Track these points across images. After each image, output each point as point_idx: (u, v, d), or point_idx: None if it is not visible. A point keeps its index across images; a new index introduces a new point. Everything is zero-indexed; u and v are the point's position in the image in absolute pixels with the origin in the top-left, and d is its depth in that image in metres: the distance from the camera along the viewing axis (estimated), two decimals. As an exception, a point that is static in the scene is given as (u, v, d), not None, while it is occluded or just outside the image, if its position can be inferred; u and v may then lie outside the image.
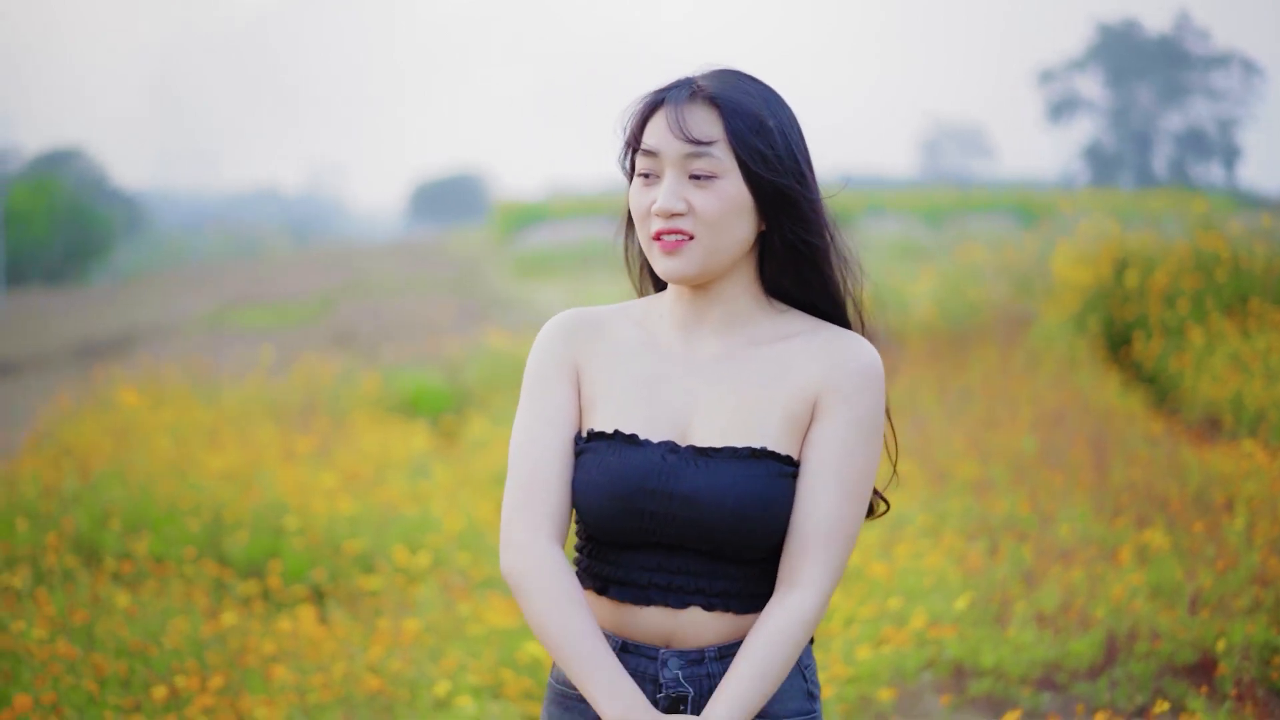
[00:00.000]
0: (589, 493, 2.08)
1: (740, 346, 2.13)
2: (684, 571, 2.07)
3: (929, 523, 5.73)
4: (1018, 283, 11.44)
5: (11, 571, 5.02)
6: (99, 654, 4.22)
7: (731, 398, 2.09)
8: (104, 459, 6.86)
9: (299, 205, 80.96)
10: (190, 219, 59.73)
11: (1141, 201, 24.47)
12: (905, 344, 10.15)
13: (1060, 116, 53.52)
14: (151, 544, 5.64)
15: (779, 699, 2.08)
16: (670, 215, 2.06)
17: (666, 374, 2.13)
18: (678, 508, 2.05)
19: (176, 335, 18.04)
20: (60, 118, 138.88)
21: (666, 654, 2.07)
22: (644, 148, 2.09)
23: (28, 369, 16.84)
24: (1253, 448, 6.50)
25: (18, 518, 5.69)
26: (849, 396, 2.07)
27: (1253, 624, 4.39)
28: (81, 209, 35.23)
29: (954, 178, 60.58)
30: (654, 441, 2.08)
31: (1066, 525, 5.58)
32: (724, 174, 2.06)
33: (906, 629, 4.53)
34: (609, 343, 2.16)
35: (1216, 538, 5.26)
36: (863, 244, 8.18)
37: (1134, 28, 53.42)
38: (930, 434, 7.39)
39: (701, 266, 2.08)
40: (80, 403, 9.82)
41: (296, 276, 28.36)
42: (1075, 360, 9.33)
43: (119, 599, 4.73)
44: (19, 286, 30.11)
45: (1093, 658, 4.40)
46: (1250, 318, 9.35)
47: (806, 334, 2.13)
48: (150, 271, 34.48)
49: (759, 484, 2.04)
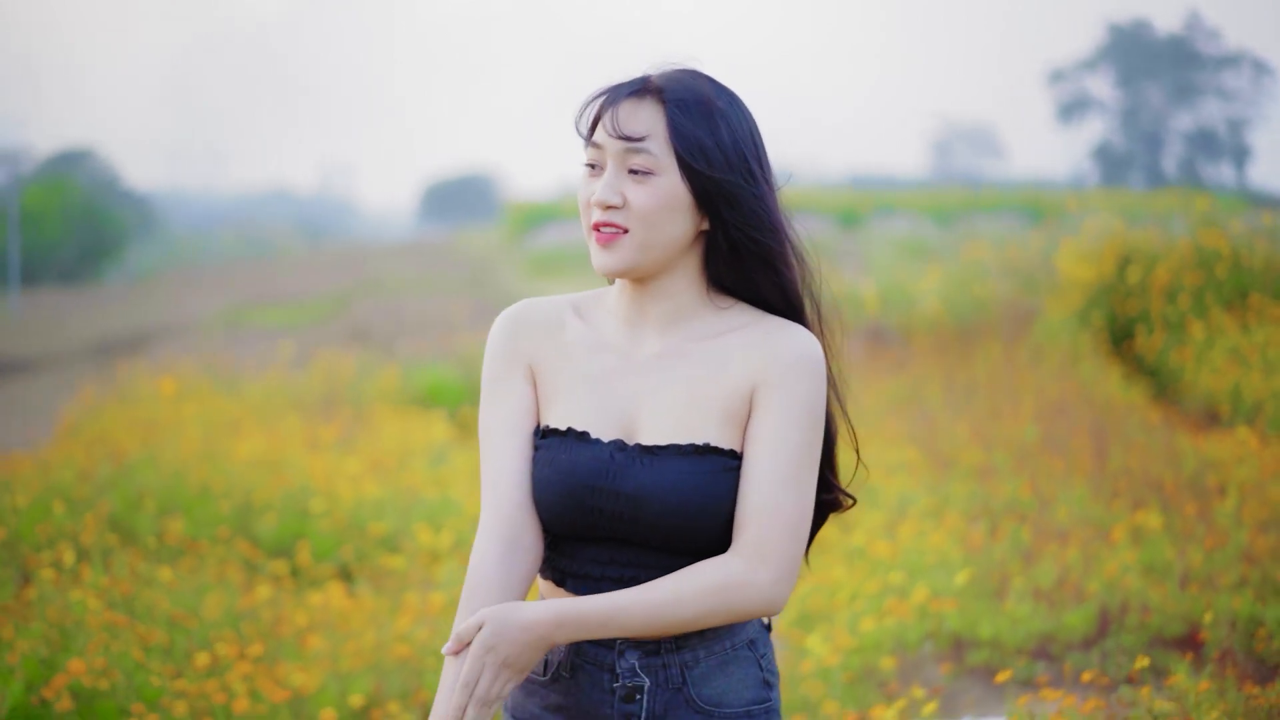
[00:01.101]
0: (543, 489, 2.14)
1: (682, 343, 2.16)
2: (635, 565, 2.12)
3: (933, 505, 5.95)
4: (1023, 279, 11.67)
5: (54, 550, 5.26)
6: (142, 625, 4.46)
7: (674, 395, 2.13)
8: (136, 446, 7.10)
9: (310, 206, 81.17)
10: (202, 220, 59.88)
11: (1150, 201, 24.64)
12: (912, 340, 10.38)
13: (1070, 117, 53.58)
14: (184, 525, 5.87)
15: (734, 687, 2.14)
16: (606, 208, 2.10)
17: (613, 371, 2.16)
18: (625, 505, 2.10)
19: (192, 333, 18.24)
20: (71, 118, 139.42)
21: (624, 644, 2.12)
22: (592, 140, 2.13)
23: (45, 367, 17.07)
24: (1246, 435, 6.72)
25: (54, 501, 5.92)
26: (783, 385, 2.09)
27: (1239, 598, 4.60)
28: (95, 209, 35.43)
29: (965, 178, 60.69)
30: (604, 440, 2.12)
31: (1065, 508, 5.80)
32: (661, 170, 2.09)
33: (909, 602, 4.75)
34: (559, 339, 2.20)
35: (1207, 519, 5.47)
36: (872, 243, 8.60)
37: (1144, 28, 53.45)
38: (935, 424, 7.61)
39: (634, 262, 2.11)
40: (104, 396, 10.06)
41: (309, 276, 28.54)
42: (1078, 354, 9.55)
43: (159, 574, 4.97)
44: (34, 286, 30.32)
45: (1086, 630, 4.61)
46: (1250, 312, 9.57)
47: (746, 327, 2.15)
48: (163, 272, 34.64)
49: (702, 480, 2.08)
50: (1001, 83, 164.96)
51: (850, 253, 21.40)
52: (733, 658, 2.14)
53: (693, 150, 2.08)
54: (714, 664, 2.13)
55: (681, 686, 2.12)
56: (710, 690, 2.13)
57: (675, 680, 2.12)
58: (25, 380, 16.00)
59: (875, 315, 11.05)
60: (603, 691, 2.13)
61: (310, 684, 4.22)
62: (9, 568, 5.14)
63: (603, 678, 2.13)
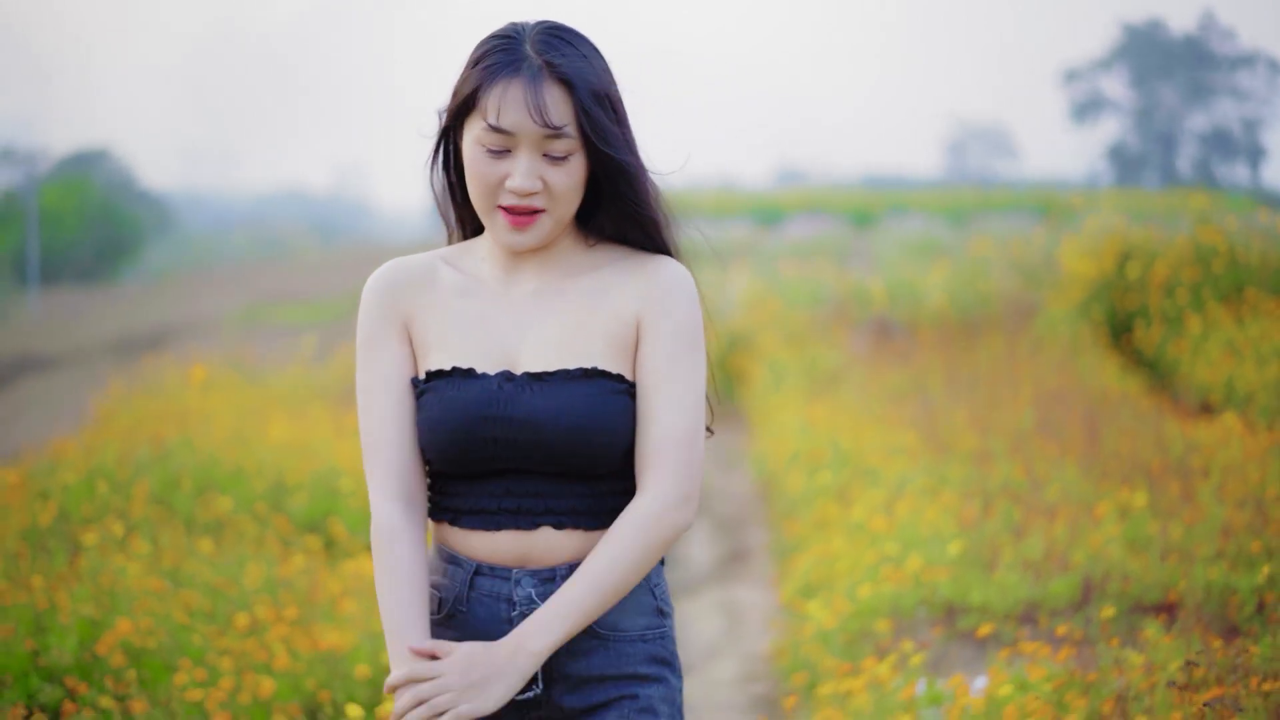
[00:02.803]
0: (433, 429, 2.17)
1: (559, 279, 2.23)
2: (532, 494, 2.16)
3: (930, 485, 6.25)
4: (1026, 275, 11.98)
5: (101, 524, 5.59)
6: (186, 590, 4.78)
7: (556, 325, 2.20)
8: (170, 433, 7.43)
9: (325, 206, 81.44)
10: (216, 220, 60.12)
11: (1161, 201, 24.87)
12: (917, 333, 10.68)
13: (1085, 117, 53.69)
14: (221, 503, 6.20)
15: (628, 614, 2.19)
16: (527, 194, 2.16)
17: (492, 310, 2.22)
18: (518, 432, 2.14)
19: (211, 330, 18.54)
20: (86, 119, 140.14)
21: (520, 574, 2.17)
22: (495, 126, 2.14)
23: (66, 363, 17.41)
24: (1233, 421, 7.01)
25: (99, 480, 6.25)
26: (665, 310, 2.19)
27: (1214, 569, 4.89)
28: (111, 209, 35.75)
29: (979, 178, 60.86)
30: (490, 373, 2.17)
31: (1056, 487, 6.09)
32: (575, 152, 2.16)
33: (904, 570, 5.05)
34: (433, 288, 2.24)
35: (1190, 498, 5.76)
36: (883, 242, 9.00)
37: (1159, 28, 53.54)
38: (936, 412, 7.90)
39: (548, 237, 2.20)
40: (132, 389, 10.40)
41: (325, 275, 28.81)
42: (1078, 346, 9.85)
43: (200, 545, 5.30)
44: (52, 285, 30.64)
45: (1070, 597, 4.91)
46: (1245, 306, 9.87)
47: (620, 261, 2.24)
48: (179, 271, 34.91)
49: (593, 401, 2.14)
50: (1016, 83, 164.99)
51: (861, 251, 21.67)
52: None
53: (599, 132, 2.15)
54: None
55: None
56: (607, 616, 2.17)
57: None
58: (47, 376, 16.35)
59: (882, 310, 11.37)
60: (501, 622, 2.17)
61: (344, 643, 4.53)
62: (60, 540, 5.46)
63: (499, 608, 2.18)
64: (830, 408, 8.60)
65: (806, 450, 7.62)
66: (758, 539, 7.74)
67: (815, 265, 15.58)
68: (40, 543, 5.40)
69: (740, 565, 7.40)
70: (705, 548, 7.75)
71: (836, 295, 12.44)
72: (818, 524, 6.27)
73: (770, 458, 8.44)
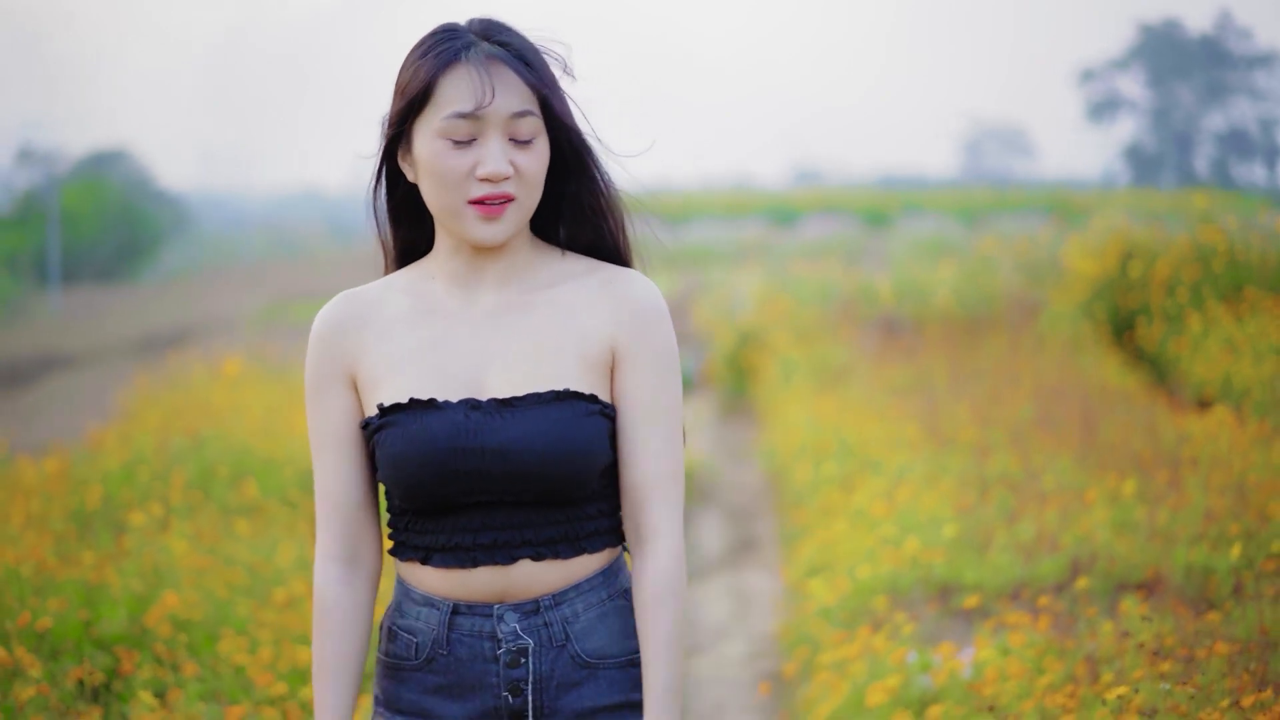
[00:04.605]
0: (397, 466, 2.05)
1: (519, 294, 2.11)
2: (508, 526, 2.06)
3: (929, 474, 6.54)
4: (1031, 274, 12.27)
5: (144, 507, 5.92)
6: (227, 567, 5.09)
7: (520, 345, 2.08)
8: (202, 425, 7.76)
9: (340, 206, 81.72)
10: (233, 220, 60.34)
11: (1176, 201, 25.13)
12: (924, 330, 10.97)
13: (1101, 116, 53.79)
14: (253, 489, 6.51)
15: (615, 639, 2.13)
16: (500, 179, 2.04)
17: (449, 334, 2.10)
18: (491, 462, 2.03)
19: (231, 329, 18.83)
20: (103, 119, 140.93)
21: (502, 609, 2.08)
22: (460, 112, 2.03)
23: (88, 361, 17.74)
24: (1224, 413, 7.28)
25: (138, 468, 6.58)
26: (645, 337, 2.09)
27: (1195, 551, 5.17)
28: (130, 209, 36.08)
29: (995, 178, 61.03)
30: (453, 401, 2.05)
31: (1051, 477, 6.37)
32: (539, 134, 2.06)
33: (901, 552, 5.34)
34: (381, 320, 2.12)
35: (1178, 486, 6.04)
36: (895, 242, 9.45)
37: (1175, 27, 53.61)
38: (939, 406, 8.19)
39: (517, 227, 2.07)
40: (158, 384, 10.73)
41: (342, 274, 29.08)
42: (1079, 343, 10.13)
43: (236, 526, 5.62)
44: (72, 284, 31.00)
45: (1058, 576, 5.19)
46: (1244, 304, 10.14)
47: (582, 275, 2.13)
48: (197, 270, 35.22)
49: (569, 425, 2.04)
50: (1033, 82, 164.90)
51: (873, 251, 21.96)
52: (611, 609, 2.12)
53: (566, 110, 2.09)
54: (593, 617, 2.11)
55: (565, 643, 2.10)
56: (593, 644, 2.11)
57: (559, 637, 2.10)
58: (70, 373, 16.68)
59: (889, 308, 11.68)
60: (486, 660, 2.09)
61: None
62: (105, 522, 5.79)
63: (484, 646, 2.09)
64: (837, 402, 8.89)
65: (813, 443, 7.91)
66: (766, 528, 8.04)
67: (826, 264, 15.88)
68: (87, 524, 5.73)
69: (749, 552, 7.70)
70: (716, 536, 8.05)
71: (845, 294, 12.76)
72: (823, 511, 6.57)
73: (779, 450, 8.74)
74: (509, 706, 2.09)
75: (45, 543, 5.18)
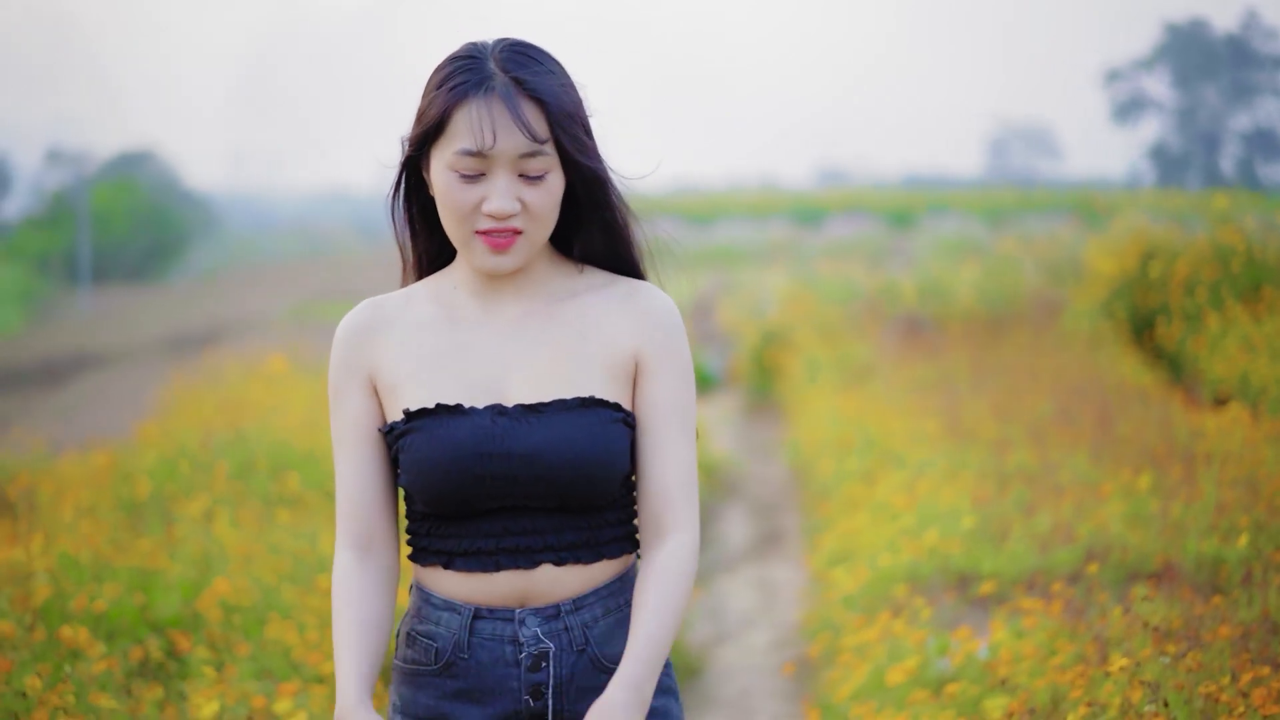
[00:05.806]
0: (422, 470, 2.07)
1: (542, 304, 2.15)
2: (530, 531, 2.09)
3: (949, 468, 6.72)
4: (1052, 273, 12.43)
5: (189, 499, 6.15)
6: (272, 555, 5.31)
7: (545, 353, 2.12)
8: (242, 419, 7.99)
9: (368, 206, 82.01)
10: (261, 221, 60.62)
11: (1200, 202, 25.21)
12: (946, 328, 11.15)
13: (1126, 116, 53.71)
14: (294, 481, 6.73)
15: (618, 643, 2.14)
16: (505, 217, 2.07)
17: (472, 341, 2.13)
18: (517, 468, 2.06)
19: (262, 328, 19.06)
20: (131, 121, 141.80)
21: (523, 613, 2.10)
22: (467, 150, 2.06)
23: (119, 360, 18.02)
24: (1239, 410, 7.44)
25: (181, 461, 6.81)
26: (667, 349, 2.14)
27: (1206, 542, 5.35)
28: (159, 210, 36.37)
29: (1021, 177, 61.03)
30: (479, 407, 2.08)
31: (1068, 472, 6.55)
32: (551, 169, 2.08)
33: (921, 542, 5.53)
34: (404, 326, 2.16)
35: (1191, 480, 6.21)
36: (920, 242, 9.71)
37: (1202, 27, 53.49)
38: (960, 403, 8.37)
39: (527, 258, 2.10)
40: (193, 382, 10.98)
41: (371, 274, 29.30)
42: (1099, 342, 10.30)
43: (279, 516, 5.84)
44: (103, 284, 31.32)
45: (1073, 565, 5.37)
46: (1262, 304, 10.28)
47: (602, 287, 2.17)
48: (226, 270, 35.50)
49: (595, 431, 2.07)
50: (1059, 82, 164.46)
51: (898, 251, 22.11)
52: (628, 614, 2.14)
53: (575, 146, 2.09)
54: (612, 622, 2.14)
55: (585, 647, 2.12)
56: (611, 648, 2.13)
57: (579, 641, 2.12)
58: (103, 371, 16.96)
59: (912, 307, 11.86)
60: (507, 665, 2.11)
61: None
62: (154, 512, 6.02)
63: (505, 650, 2.11)
64: (860, 399, 9.08)
65: (837, 438, 8.10)
66: (791, 521, 8.24)
67: (851, 264, 16.06)
68: (137, 515, 5.96)
69: (774, 545, 7.89)
70: (742, 529, 8.25)
71: (869, 293, 12.96)
72: (846, 504, 6.76)
73: (804, 446, 8.93)
74: (529, 710, 2.12)
75: (100, 532, 5.41)
